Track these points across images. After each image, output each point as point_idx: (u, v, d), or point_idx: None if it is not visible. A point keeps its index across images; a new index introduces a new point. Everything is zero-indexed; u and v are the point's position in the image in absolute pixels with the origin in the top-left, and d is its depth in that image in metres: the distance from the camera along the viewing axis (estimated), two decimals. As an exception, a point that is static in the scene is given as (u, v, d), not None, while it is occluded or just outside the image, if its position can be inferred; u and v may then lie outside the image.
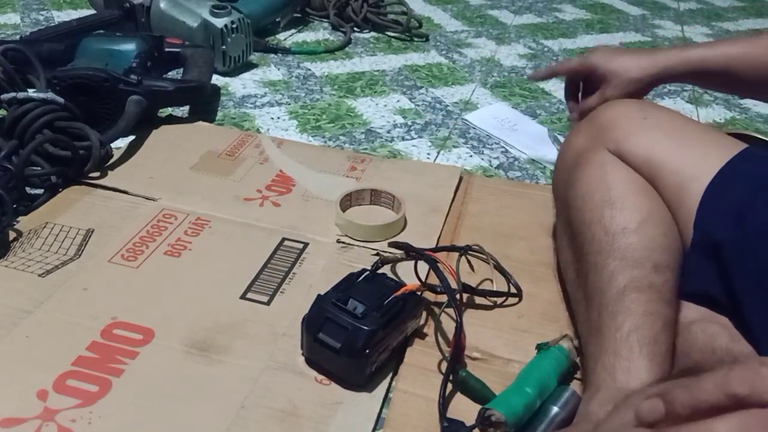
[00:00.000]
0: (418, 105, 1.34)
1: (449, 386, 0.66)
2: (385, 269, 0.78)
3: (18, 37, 1.39)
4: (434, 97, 1.38)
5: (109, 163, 1.01)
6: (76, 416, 0.60)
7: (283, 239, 0.87)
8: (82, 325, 0.71)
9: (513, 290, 0.81)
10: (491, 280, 0.82)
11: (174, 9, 1.39)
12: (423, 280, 0.77)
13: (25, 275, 0.78)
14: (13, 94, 0.97)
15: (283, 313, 0.75)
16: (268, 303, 0.75)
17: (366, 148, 1.16)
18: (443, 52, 1.63)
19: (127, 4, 1.40)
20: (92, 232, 0.86)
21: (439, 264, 0.73)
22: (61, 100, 0.97)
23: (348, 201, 0.94)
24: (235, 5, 1.42)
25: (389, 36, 1.70)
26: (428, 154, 1.16)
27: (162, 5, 1.40)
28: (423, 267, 0.77)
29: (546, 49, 1.71)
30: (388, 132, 1.23)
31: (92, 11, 1.49)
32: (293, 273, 0.81)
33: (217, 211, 0.91)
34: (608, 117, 0.75)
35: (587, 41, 1.79)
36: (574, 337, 0.72)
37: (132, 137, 1.08)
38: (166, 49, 1.25)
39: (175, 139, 1.11)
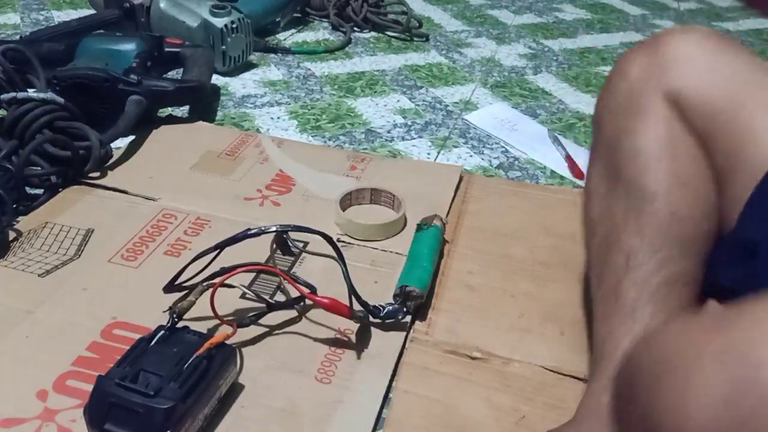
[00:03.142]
0: (418, 105, 1.34)
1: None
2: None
3: (18, 37, 1.39)
4: (434, 97, 1.38)
5: (108, 163, 1.01)
6: (76, 416, 0.60)
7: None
8: (82, 325, 0.71)
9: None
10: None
11: (174, 9, 1.39)
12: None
13: (25, 275, 0.78)
14: (12, 94, 0.97)
15: (284, 313, 0.74)
16: (267, 303, 0.75)
17: (366, 148, 1.16)
18: (443, 52, 1.63)
19: (127, 4, 1.40)
20: (92, 232, 0.86)
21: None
22: (60, 100, 0.97)
23: (348, 200, 0.94)
24: (235, 5, 1.42)
25: (389, 36, 1.70)
26: (428, 153, 1.16)
27: (162, 5, 1.40)
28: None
29: (546, 49, 1.71)
30: (388, 132, 1.22)
31: (92, 11, 1.48)
32: (293, 272, 0.80)
33: (217, 211, 0.91)
34: (673, 52, 0.63)
35: (587, 41, 1.79)
36: (444, 216, 0.88)
37: (132, 137, 1.08)
38: (166, 49, 1.25)
39: (175, 139, 1.11)
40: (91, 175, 0.98)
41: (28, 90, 1.03)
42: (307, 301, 0.74)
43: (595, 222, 0.68)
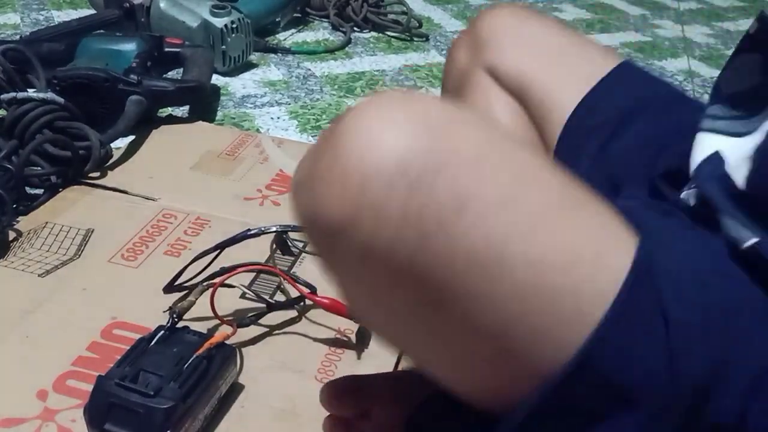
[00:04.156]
0: (418, 105, 1.34)
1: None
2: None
3: (18, 37, 1.39)
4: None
5: (108, 163, 1.01)
6: (76, 416, 0.60)
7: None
8: (81, 325, 0.71)
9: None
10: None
11: (174, 9, 1.39)
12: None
13: (24, 275, 0.78)
14: (12, 94, 0.97)
15: (284, 313, 0.74)
16: (267, 303, 0.75)
17: (366, 148, 1.16)
18: (443, 52, 1.63)
19: (127, 4, 1.40)
20: (92, 232, 0.86)
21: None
22: (60, 100, 0.97)
23: (348, 201, 0.94)
24: (235, 5, 1.42)
25: (389, 36, 1.70)
26: (428, 153, 1.16)
27: (162, 5, 1.40)
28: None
29: (546, 48, 1.71)
30: (388, 132, 1.22)
31: (92, 11, 1.48)
32: (293, 272, 0.80)
33: (217, 211, 0.91)
34: (485, 30, 0.73)
35: (587, 41, 1.79)
36: None
37: (132, 137, 1.08)
38: (166, 49, 1.25)
39: (174, 139, 1.11)
40: (91, 175, 0.97)
41: (28, 90, 1.03)
42: (307, 301, 0.74)
43: None
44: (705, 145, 0.50)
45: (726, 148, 0.49)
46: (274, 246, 0.84)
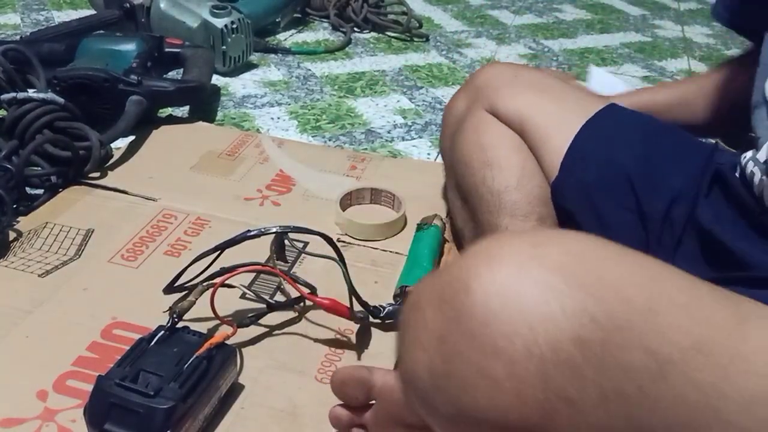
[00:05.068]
0: (418, 105, 1.34)
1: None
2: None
3: (18, 37, 1.39)
4: (434, 97, 1.38)
5: (109, 163, 1.01)
6: (76, 416, 0.60)
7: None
8: (82, 325, 0.71)
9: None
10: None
11: (174, 9, 1.39)
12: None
13: (25, 275, 0.78)
14: (13, 95, 0.97)
15: (284, 313, 0.74)
16: (267, 303, 0.75)
17: (366, 149, 1.16)
18: (443, 53, 1.63)
19: (128, 5, 1.40)
20: (92, 232, 0.86)
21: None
22: (61, 100, 0.97)
23: (348, 200, 0.94)
24: (235, 5, 1.42)
25: (389, 36, 1.70)
26: (428, 154, 1.16)
27: (162, 5, 1.40)
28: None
29: (546, 49, 1.71)
30: (388, 132, 1.22)
31: (92, 11, 1.49)
32: (294, 272, 0.80)
33: (217, 211, 0.91)
34: (483, 78, 0.80)
35: (587, 41, 1.79)
36: (444, 216, 0.90)
37: (132, 137, 1.08)
38: (166, 50, 1.25)
39: (175, 139, 1.11)
40: (91, 175, 0.98)
41: (29, 90, 1.03)
42: (307, 302, 0.74)
43: (460, 231, 0.83)
44: None
45: None
46: (274, 246, 0.84)
